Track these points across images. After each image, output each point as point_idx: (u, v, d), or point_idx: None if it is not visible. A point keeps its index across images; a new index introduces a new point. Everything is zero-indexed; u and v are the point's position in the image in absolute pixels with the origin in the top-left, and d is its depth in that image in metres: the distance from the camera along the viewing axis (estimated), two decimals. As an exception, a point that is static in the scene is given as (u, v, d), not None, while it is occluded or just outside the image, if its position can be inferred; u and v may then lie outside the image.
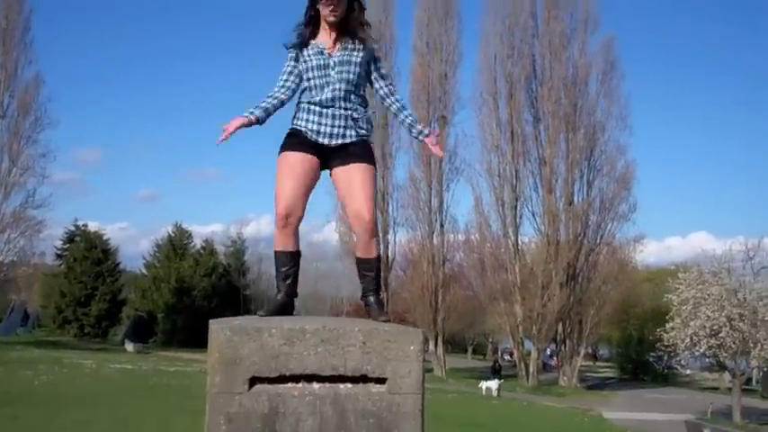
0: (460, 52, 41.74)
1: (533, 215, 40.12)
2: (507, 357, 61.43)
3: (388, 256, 41.06)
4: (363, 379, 3.32)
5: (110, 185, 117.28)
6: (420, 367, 3.38)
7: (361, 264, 4.26)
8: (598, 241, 39.76)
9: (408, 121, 4.30)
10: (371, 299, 4.22)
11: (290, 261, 4.24)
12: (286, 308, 4.13)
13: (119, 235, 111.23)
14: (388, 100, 4.26)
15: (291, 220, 4.13)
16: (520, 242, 40.23)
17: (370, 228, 4.15)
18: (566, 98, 39.25)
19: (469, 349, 73.72)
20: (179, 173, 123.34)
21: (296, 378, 3.29)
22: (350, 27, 4.18)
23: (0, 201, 37.59)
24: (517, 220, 39.93)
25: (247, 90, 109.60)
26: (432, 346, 40.22)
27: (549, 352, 50.52)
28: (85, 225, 54.40)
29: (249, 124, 4.11)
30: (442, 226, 41.35)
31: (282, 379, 3.28)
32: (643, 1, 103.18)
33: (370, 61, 4.28)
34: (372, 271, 4.26)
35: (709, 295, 28.11)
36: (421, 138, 4.31)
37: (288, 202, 4.06)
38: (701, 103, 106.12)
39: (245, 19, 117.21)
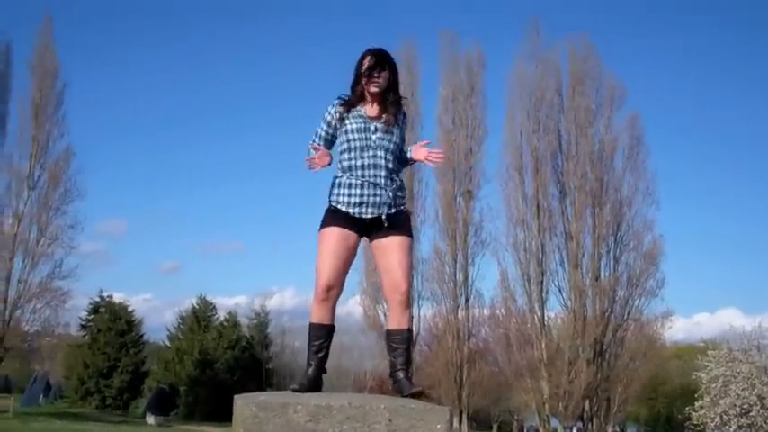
0: (486, 128, 41.99)
1: (560, 290, 39.73)
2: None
3: (412, 331, 40.76)
4: (390, 458, 3.26)
5: (135, 256, 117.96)
6: (447, 446, 3.32)
7: (393, 336, 4.27)
8: (625, 317, 39.27)
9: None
10: (401, 375, 4.21)
11: (325, 335, 4.29)
12: (318, 383, 4.13)
13: (143, 306, 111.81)
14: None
15: (332, 294, 4.21)
16: (546, 317, 39.80)
17: (404, 299, 4.22)
18: (592, 173, 39.23)
19: (494, 426, 72.60)
20: (204, 245, 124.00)
21: (321, 456, 3.23)
22: (389, 100, 4.36)
23: (27, 271, 37.81)
24: (543, 295, 39.54)
25: (271, 160, 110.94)
26: (456, 424, 39.62)
27: (575, 430, 49.64)
28: (110, 296, 54.52)
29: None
30: (467, 300, 41.05)
31: (308, 457, 3.22)
32: (670, 76, 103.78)
33: (404, 136, 4.43)
34: (404, 343, 4.28)
35: (738, 373, 27.61)
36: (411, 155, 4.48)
37: (330, 276, 4.14)
38: (729, 179, 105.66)
39: (271, 81, 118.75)
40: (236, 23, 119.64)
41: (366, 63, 4.42)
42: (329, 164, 4.36)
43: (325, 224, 4.27)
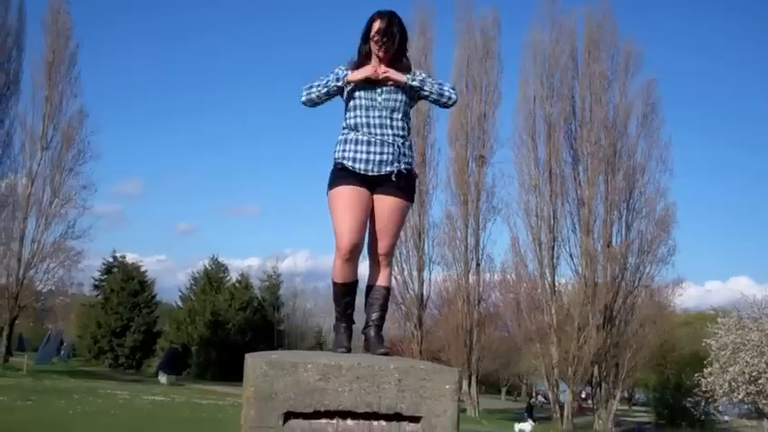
0: (500, 92, 41.84)
1: (571, 256, 39.73)
2: (542, 399, 60.73)
3: (422, 295, 40.92)
4: (398, 417, 3.30)
5: (149, 218, 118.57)
6: (455, 407, 3.35)
7: (371, 292, 4.34)
8: (636, 284, 39.27)
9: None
10: (372, 332, 4.29)
11: (350, 292, 4.37)
12: (351, 337, 4.28)
13: (156, 267, 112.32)
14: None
15: (356, 253, 4.24)
16: (557, 283, 39.87)
17: (385, 260, 4.32)
18: (605, 139, 39.04)
19: (503, 390, 73.06)
20: (218, 207, 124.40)
21: (330, 414, 3.27)
22: (396, 61, 4.35)
23: (41, 231, 38.06)
24: (554, 260, 39.56)
25: (286, 120, 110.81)
26: (465, 386, 39.86)
27: (583, 394, 49.89)
28: (123, 257, 54.94)
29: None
30: (478, 265, 41.14)
31: (317, 415, 3.27)
32: (687, 41, 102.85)
33: (414, 91, 4.40)
34: (380, 300, 4.34)
35: (748, 341, 27.67)
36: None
37: (352, 236, 4.17)
38: (743, 148, 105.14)
39: (286, 48, 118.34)
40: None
41: (375, 25, 4.37)
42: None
43: (334, 183, 4.28)
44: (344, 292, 4.35)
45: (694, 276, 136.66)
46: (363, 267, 4.48)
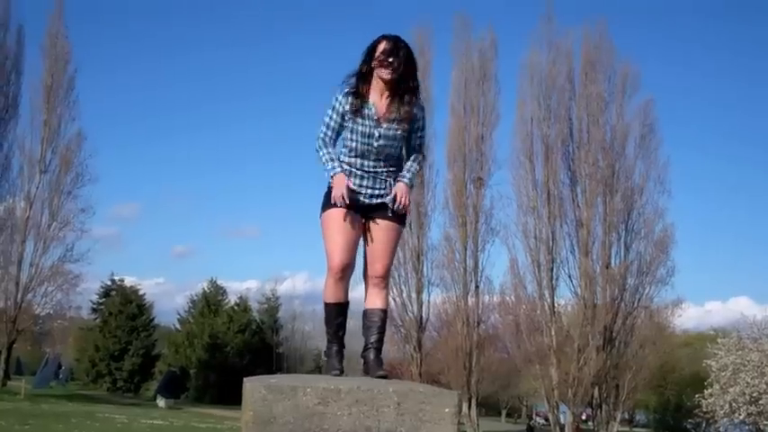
0: (497, 114, 41.76)
1: (570, 277, 39.64)
2: (542, 421, 60.52)
3: (422, 317, 40.80)
4: (398, 441, 3.29)
5: (147, 241, 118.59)
6: (455, 430, 3.34)
7: (368, 314, 4.33)
8: (635, 305, 39.18)
9: (408, 167, 4.42)
10: (371, 355, 4.27)
11: (342, 312, 4.37)
12: (343, 359, 4.27)
13: (154, 290, 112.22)
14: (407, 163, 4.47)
15: (347, 273, 4.24)
16: (556, 304, 39.77)
17: (381, 282, 4.30)
18: (603, 161, 39.07)
19: (503, 412, 72.80)
20: (216, 229, 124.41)
21: (330, 438, 3.26)
22: (402, 88, 4.29)
23: (39, 254, 38.03)
24: (553, 282, 39.48)
25: (285, 142, 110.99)
26: (465, 409, 39.67)
27: (584, 416, 49.76)
28: (122, 280, 54.89)
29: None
30: (477, 287, 40.98)
31: (316, 439, 3.25)
32: (686, 62, 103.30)
33: (415, 130, 4.38)
34: (378, 322, 4.32)
35: (748, 361, 27.59)
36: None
37: (343, 255, 4.18)
38: (741, 168, 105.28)
39: (284, 67, 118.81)
40: (251, 6, 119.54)
41: (381, 47, 4.30)
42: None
43: (327, 206, 4.28)
44: (336, 313, 4.35)
45: (694, 297, 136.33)
46: (358, 291, 4.48)
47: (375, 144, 4.26)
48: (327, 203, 4.28)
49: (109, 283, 54.72)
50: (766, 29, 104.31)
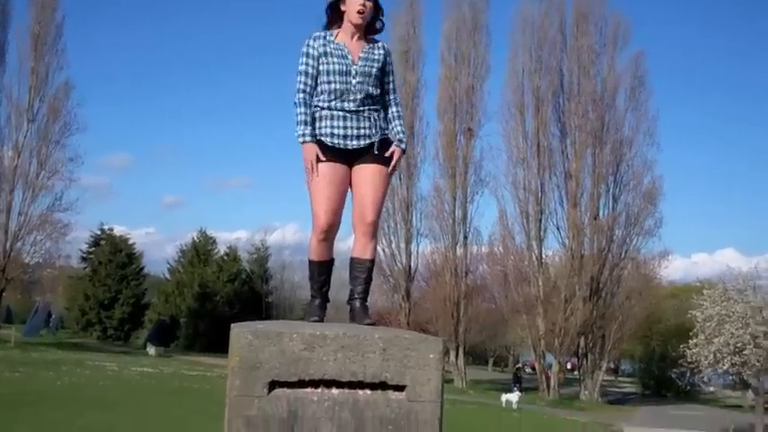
0: (488, 65, 41.69)
1: (558, 229, 39.97)
2: (528, 370, 61.14)
3: (410, 267, 41.05)
4: (382, 386, 3.34)
5: (137, 191, 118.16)
6: (439, 376, 3.39)
7: (356, 264, 4.33)
8: (623, 256, 39.52)
9: (395, 129, 4.41)
10: (357, 303, 4.29)
11: (326, 270, 4.37)
12: (325, 309, 4.28)
13: (144, 240, 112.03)
14: (389, 117, 4.40)
15: (332, 233, 4.23)
16: (544, 255, 40.07)
17: (370, 230, 4.25)
18: (593, 113, 39.11)
19: (490, 361, 73.48)
20: (206, 180, 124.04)
21: (315, 383, 3.31)
22: (371, 30, 4.32)
23: (27, 203, 37.94)
24: (541, 233, 39.77)
25: (275, 93, 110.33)
26: (453, 358, 40.10)
27: (569, 365, 50.30)
28: (111, 229, 54.73)
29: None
30: (465, 237, 41.18)
31: (302, 384, 3.30)
32: (675, 15, 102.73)
33: (386, 73, 4.38)
34: (365, 273, 4.33)
35: (733, 312, 27.84)
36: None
37: (329, 216, 4.15)
38: (730, 121, 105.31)
39: (274, 23, 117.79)
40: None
41: None
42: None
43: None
44: (320, 271, 4.36)
45: (681, 249, 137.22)
46: (342, 245, 4.50)
47: (353, 81, 4.24)
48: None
49: (98, 232, 54.59)
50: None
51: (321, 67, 4.25)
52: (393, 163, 4.25)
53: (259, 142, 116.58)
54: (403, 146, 4.33)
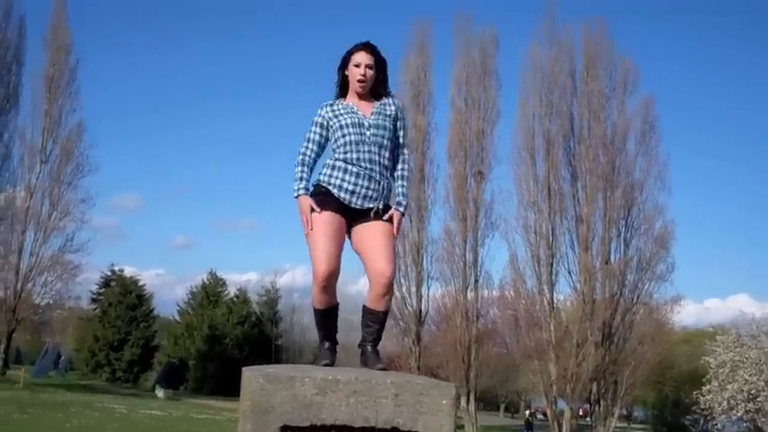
0: (498, 109, 41.78)
1: (569, 273, 39.66)
2: (540, 416, 60.57)
3: (420, 310, 40.84)
4: (395, 431, 3.31)
5: (147, 232, 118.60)
6: (452, 422, 3.36)
7: (370, 314, 4.33)
8: (635, 301, 39.20)
9: (398, 190, 4.44)
10: (368, 348, 4.29)
11: (331, 315, 4.38)
12: (335, 352, 4.28)
13: (154, 281, 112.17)
14: (396, 174, 4.51)
15: (332, 281, 4.24)
16: (555, 300, 39.81)
17: (388, 284, 4.27)
18: (604, 156, 39.09)
19: (501, 407, 72.91)
20: (216, 221, 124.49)
21: (327, 428, 3.28)
22: (376, 94, 4.40)
23: (39, 244, 38.13)
24: (553, 277, 39.50)
25: (284, 135, 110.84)
26: (463, 403, 39.74)
27: (581, 412, 49.85)
28: (122, 270, 54.95)
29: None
30: (476, 281, 40.98)
31: (314, 429, 3.28)
32: (687, 59, 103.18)
33: (398, 128, 4.43)
34: (378, 324, 4.34)
35: (747, 358, 27.63)
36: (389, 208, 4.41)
37: (328, 264, 4.17)
38: (741, 167, 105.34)
39: (288, 61, 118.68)
40: (256, 1, 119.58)
41: (353, 58, 4.42)
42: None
43: (313, 210, 4.29)
44: (326, 317, 4.37)
45: (693, 294, 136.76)
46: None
47: (368, 133, 4.31)
48: (315, 203, 4.30)
49: (109, 273, 54.83)
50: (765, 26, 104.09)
51: (333, 126, 4.35)
52: (395, 226, 4.29)
53: (270, 184, 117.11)
54: (401, 209, 4.38)
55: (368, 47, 4.45)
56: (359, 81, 4.37)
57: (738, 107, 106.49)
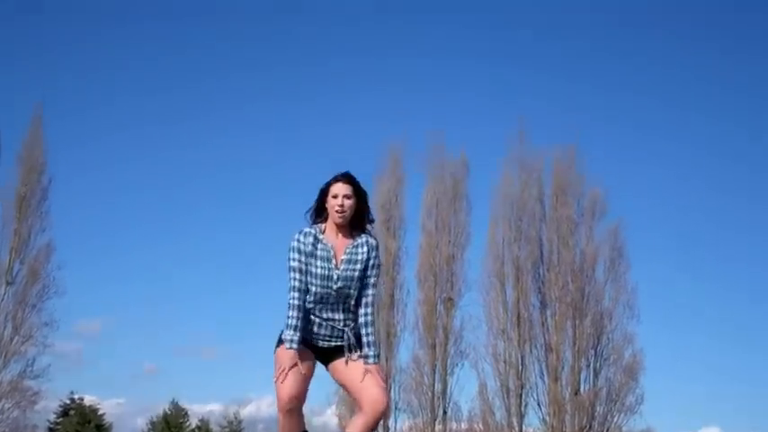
0: (468, 233, 41.93)
1: (539, 404, 39.06)
2: None
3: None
4: None
5: (108, 358, 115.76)
6: None
7: None
8: (605, 434, 38.73)
9: (364, 340, 4.43)
10: None
11: None
12: None
13: (115, 410, 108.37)
14: (360, 321, 4.51)
15: (296, 404, 4.16)
16: (524, 432, 39.18)
17: (381, 416, 4.24)
18: (573, 284, 39.23)
19: None
20: (178, 350, 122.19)
21: None
22: (355, 227, 4.41)
23: (-1, 369, 37.08)
24: (522, 408, 38.98)
25: (251, 259, 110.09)
26: None
27: None
28: (81, 398, 53.58)
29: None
30: (444, 413, 40.32)
31: None
32: (655, 183, 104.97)
33: (368, 268, 4.43)
34: None
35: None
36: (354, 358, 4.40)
37: (292, 387, 4.11)
38: (714, 294, 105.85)
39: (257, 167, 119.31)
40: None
41: (333, 189, 4.45)
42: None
43: (281, 342, 4.31)
44: None
45: (665, 427, 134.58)
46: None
47: (334, 287, 4.38)
48: (281, 340, 4.36)
49: (68, 401, 53.44)
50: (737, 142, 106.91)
51: (309, 263, 4.33)
52: (376, 376, 4.39)
53: (230, 310, 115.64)
54: (371, 360, 4.46)
55: (346, 177, 4.47)
56: (337, 211, 4.37)
57: (712, 230, 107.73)
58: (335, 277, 4.34)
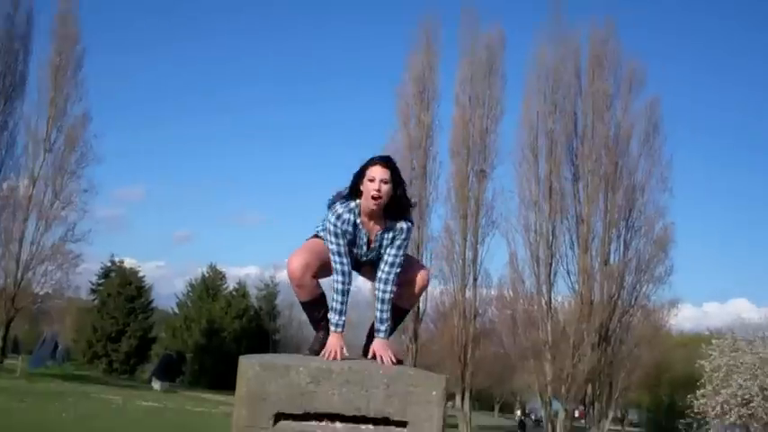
0: (502, 108, 41.73)
1: (568, 273, 39.65)
2: (533, 417, 60.59)
3: (419, 308, 40.83)
4: (385, 421, 3.37)
5: (149, 224, 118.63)
6: (441, 413, 3.42)
7: (398, 310, 4.38)
8: (632, 303, 39.22)
9: (377, 315, 4.35)
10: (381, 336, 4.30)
11: (320, 305, 4.35)
12: (325, 343, 4.24)
13: (154, 273, 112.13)
14: (377, 296, 4.36)
15: (305, 274, 4.22)
16: (553, 300, 39.80)
17: (426, 286, 4.39)
18: (606, 157, 39.10)
19: (496, 407, 72.96)
20: (219, 215, 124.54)
21: (320, 416, 3.35)
22: (390, 212, 4.33)
23: (40, 233, 38.08)
24: (551, 277, 39.50)
25: (290, 129, 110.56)
26: (458, 402, 39.78)
27: (576, 413, 49.82)
28: (122, 261, 54.94)
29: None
30: (475, 280, 40.97)
31: (307, 416, 3.34)
32: (694, 59, 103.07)
33: (393, 247, 4.36)
34: (400, 320, 4.45)
35: (741, 363, 27.58)
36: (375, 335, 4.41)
37: (301, 257, 4.20)
38: (744, 171, 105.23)
39: (291, 53, 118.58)
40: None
41: (369, 172, 4.25)
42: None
43: (314, 237, 4.41)
44: (313, 308, 4.35)
45: (692, 298, 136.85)
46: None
47: (361, 270, 4.45)
48: (314, 235, 4.45)
49: (109, 264, 54.86)
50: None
51: (348, 234, 4.30)
52: (383, 357, 4.12)
53: (273, 179, 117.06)
54: (381, 336, 4.29)
55: (384, 161, 4.31)
56: (374, 197, 4.21)
57: (744, 109, 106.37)
58: (361, 262, 4.39)
